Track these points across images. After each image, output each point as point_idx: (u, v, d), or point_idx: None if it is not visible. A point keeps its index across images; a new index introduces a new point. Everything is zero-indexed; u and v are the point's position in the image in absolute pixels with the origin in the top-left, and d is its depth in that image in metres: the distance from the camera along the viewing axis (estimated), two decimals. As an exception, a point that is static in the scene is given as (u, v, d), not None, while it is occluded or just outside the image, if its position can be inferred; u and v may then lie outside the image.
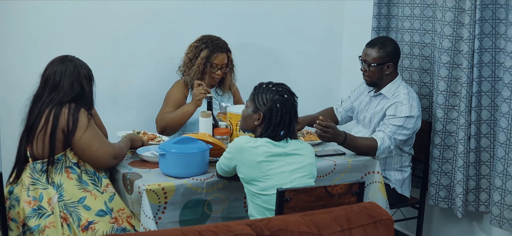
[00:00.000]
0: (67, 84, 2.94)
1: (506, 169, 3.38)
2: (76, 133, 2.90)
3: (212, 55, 3.72)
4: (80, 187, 2.95)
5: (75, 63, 2.99)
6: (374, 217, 2.38)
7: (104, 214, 2.94)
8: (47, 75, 2.97)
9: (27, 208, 2.89)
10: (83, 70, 2.99)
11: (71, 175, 2.95)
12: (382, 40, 3.60)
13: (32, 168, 2.93)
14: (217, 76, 3.77)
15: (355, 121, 3.85)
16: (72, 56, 3.04)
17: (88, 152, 2.94)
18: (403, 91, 3.55)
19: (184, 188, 2.94)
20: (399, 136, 3.46)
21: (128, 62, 4.00)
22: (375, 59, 3.55)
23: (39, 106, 2.93)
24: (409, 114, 3.46)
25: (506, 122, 3.36)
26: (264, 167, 2.81)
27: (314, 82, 4.58)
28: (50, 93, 2.94)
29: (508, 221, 3.42)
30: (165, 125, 3.68)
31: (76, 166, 2.97)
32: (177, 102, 3.77)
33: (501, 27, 3.44)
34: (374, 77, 3.58)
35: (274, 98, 2.85)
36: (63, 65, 2.97)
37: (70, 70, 2.96)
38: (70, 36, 3.80)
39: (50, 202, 2.89)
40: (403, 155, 3.66)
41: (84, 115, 2.93)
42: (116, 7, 3.90)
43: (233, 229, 2.19)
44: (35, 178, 2.93)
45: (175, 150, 2.98)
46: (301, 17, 4.47)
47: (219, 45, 3.75)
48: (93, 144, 2.94)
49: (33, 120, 2.92)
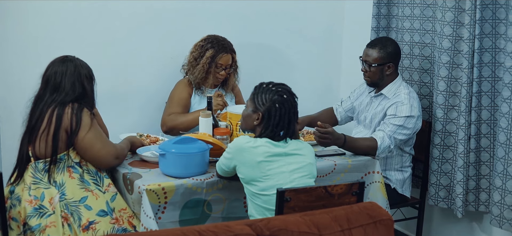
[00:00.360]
0: (69, 84, 2.94)
1: (506, 169, 3.38)
2: (79, 133, 2.91)
3: (218, 55, 3.72)
4: (82, 186, 2.95)
5: (75, 63, 2.99)
6: (374, 217, 2.38)
7: (105, 214, 2.94)
8: (48, 75, 2.97)
9: (29, 207, 2.89)
10: (84, 70, 3.00)
11: (73, 174, 2.95)
12: (382, 41, 3.60)
13: (34, 167, 2.94)
14: (221, 77, 3.78)
15: (355, 121, 3.85)
16: (72, 56, 3.04)
17: (91, 152, 2.95)
18: (403, 91, 3.55)
19: (184, 188, 2.94)
20: (399, 136, 3.46)
21: (128, 62, 4.00)
22: (376, 59, 3.55)
23: (41, 107, 2.93)
24: (410, 114, 3.46)
25: (506, 122, 3.35)
26: (264, 167, 2.81)
27: (314, 82, 4.58)
28: (51, 94, 2.94)
29: (508, 221, 3.42)
30: (174, 126, 3.68)
31: (78, 165, 2.97)
32: (182, 102, 3.77)
33: (501, 27, 3.44)
34: (375, 78, 3.58)
35: (273, 99, 2.85)
36: (64, 66, 2.97)
37: (71, 70, 2.96)
38: (70, 36, 3.80)
39: (52, 201, 2.89)
40: (403, 155, 3.66)
41: (87, 115, 2.94)
42: (116, 7, 3.90)
43: (233, 229, 2.19)
44: (37, 177, 2.93)
45: (175, 150, 2.98)
46: (301, 17, 4.47)
47: (225, 46, 3.76)
48: (96, 144, 2.95)
49: (35, 120, 2.92)
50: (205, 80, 3.73)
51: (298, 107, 2.93)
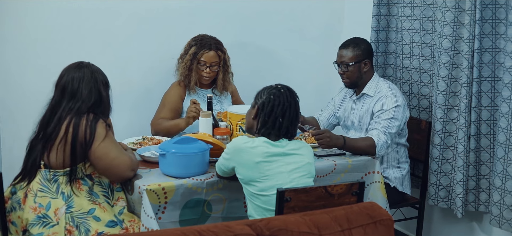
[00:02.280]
0: (86, 91, 2.87)
1: (505, 169, 3.39)
2: (93, 144, 2.83)
3: (199, 52, 3.72)
4: (90, 199, 2.89)
5: (91, 70, 2.92)
6: (374, 217, 2.38)
7: (115, 224, 2.89)
8: (64, 82, 2.89)
9: (32, 215, 2.83)
10: (100, 77, 2.94)
11: (82, 187, 2.89)
12: (354, 40, 3.65)
13: (43, 175, 2.87)
14: (206, 74, 3.75)
15: (344, 129, 3.84)
16: (87, 63, 2.97)
17: (105, 160, 2.86)
18: (383, 85, 3.59)
19: (184, 188, 2.94)
20: (393, 129, 3.48)
21: (128, 62, 4.00)
22: (352, 58, 3.58)
23: (59, 114, 2.85)
24: (396, 104, 3.49)
25: (506, 122, 3.36)
26: (263, 167, 2.81)
27: (314, 82, 4.58)
28: (68, 101, 2.87)
29: (507, 221, 3.42)
30: (158, 132, 3.69)
31: (88, 178, 2.91)
32: (173, 105, 3.77)
33: (501, 27, 3.44)
34: (353, 77, 3.61)
35: (270, 92, 2.88)
36: (81, 72, 2.90)
37: (88, 76, 2.89)
38: (70, 36, 3.80)
39: (57, 212, 2.83)
40: (399, 149, 3.66)
41: (102, 127, 2.87)
42: (115, 7, 3.90)
43: (233, 229, 2.19)
44: (45, 186, 2.86)
45: (175, 150, 2.98)
46: (301, 17, 4.47)
47: (208, 43, 3.74)
48: (111, 152, 2.86)
49: (52, 129, 2.85)
50: (189, 78, 3.74)
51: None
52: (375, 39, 4.04)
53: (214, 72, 3.77)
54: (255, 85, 3.04)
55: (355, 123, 3.68)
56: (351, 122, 3.72)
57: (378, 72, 4.08)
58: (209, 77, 3.77)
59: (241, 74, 3.99)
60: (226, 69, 3.83)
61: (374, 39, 4.04)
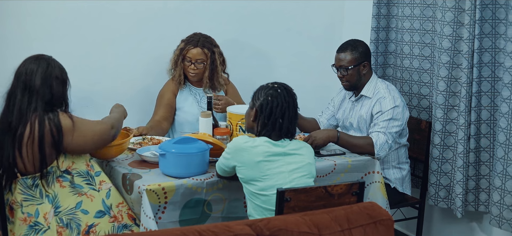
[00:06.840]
0: (38, 82, 2.82)
1: (505, 169, 3.39)
2: (64, 139, 2.81)
3: (185, 48, 3.76)
4: (75, 192, 2.88)
5: (49, 63, 2.89)
6: (374, 217, 2.38)
7: (103, 214, 2.91)
8: (20, 72, 2.87)
9: (23, 226, 2.80)
10: (56, 71, 2.88)
11: (63, 183, 2.87)
12: (351, 43, 3.63)
13: (22, 184, 2.83)
14: (192, 71, 3.77)
15: (344, 131, 3.84)
16: (48, 56, 2.93)
17: (90, 138, 2.86)
18: (381, 86, 3.59)
19: (184, 188, 2.94)
20: (393, 129, 3.47)
21: (127, 62, 4.00)
22: (351, 61, 3.57)
23: (18, 106, 2.81)
24: (394, 104, 3.49)
25: (505, 122, 3.36)
26: (263, 166, 2.81)
27: (314, 82, 4.58)
28: (22, 90, 2.83)
29: (507, 221, 3.42)
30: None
31: (66, 173, 2.88)
32: (164, 101, 3.81)
33: (501, 27, 3.44)
34: (353, 80, 3.60)
35: (267, 93, 2.88)
36: (36, 63, 2.87)
37: (43, 69, 2.85)
38: (69, 36, 3.79)
39: (47, 216, 2.81)
40: (399, 150, 3.66)
41: (65, 117, 2.83)
42: (115, 7, 3.90)
43: (233, 229, 2.19)
44: (28, 194, 2.83)
45: (175, 150, 2.98)
46: (301, 17, 4.47)
47: (195, 40, 3.77)
48: (88, 130, 2.86)
49: (16, 123, 2.79)
50: (176, 72, 3.78)
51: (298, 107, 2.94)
52: (375, 39, 4.04)
53: (200, 70, 3.78)
54: (255, 85, 3.03)
55: (354, 124, 3.68)
56: (350, 123, 3.72)
57: (378, 72, 4.08)
58: (194, 74, 3.78)
59: (240, 74, 3.98)
60: (214, 68, 3.81)
61: (374, 39, 4.04)
